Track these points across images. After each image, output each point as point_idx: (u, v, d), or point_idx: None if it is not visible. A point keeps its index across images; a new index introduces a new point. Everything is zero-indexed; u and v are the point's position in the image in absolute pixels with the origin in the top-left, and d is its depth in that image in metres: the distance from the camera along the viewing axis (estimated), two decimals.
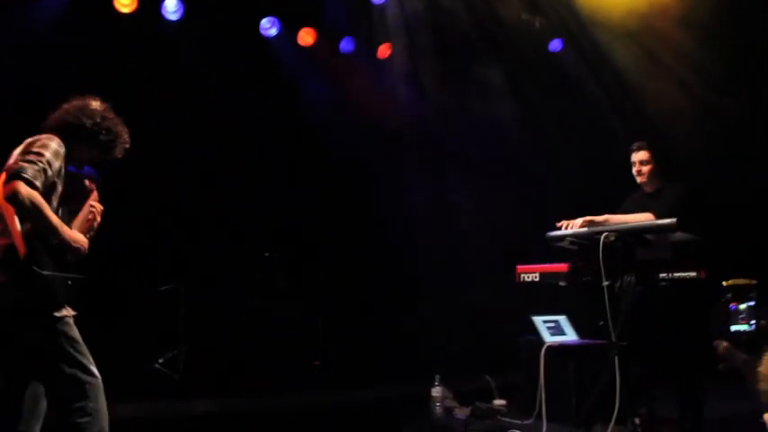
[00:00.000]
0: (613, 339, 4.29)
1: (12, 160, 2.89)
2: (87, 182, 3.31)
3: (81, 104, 3.17)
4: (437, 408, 5.52)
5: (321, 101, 7.05)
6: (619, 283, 4.38)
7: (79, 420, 2.96)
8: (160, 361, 5.90)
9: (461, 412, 5.57)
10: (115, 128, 3.22)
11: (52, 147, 2.96)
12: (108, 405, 3.08)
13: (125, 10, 6.14)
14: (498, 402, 5.87)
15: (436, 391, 5.55)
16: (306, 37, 7.14)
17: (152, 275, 5.80)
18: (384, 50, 7.41)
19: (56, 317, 2.95)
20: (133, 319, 5.54)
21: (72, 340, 3.02)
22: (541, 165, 6.91)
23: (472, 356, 6.39)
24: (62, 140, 3.04)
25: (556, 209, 5.34)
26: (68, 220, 3.11)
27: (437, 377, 5.59)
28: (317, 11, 6.91)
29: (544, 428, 5.13)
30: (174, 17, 6.41)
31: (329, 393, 6.02)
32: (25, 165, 2.80)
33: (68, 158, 3.08)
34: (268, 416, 5.49)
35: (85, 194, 3.28)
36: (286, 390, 5.82)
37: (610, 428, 4.31)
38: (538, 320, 5.81)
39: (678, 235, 4.15)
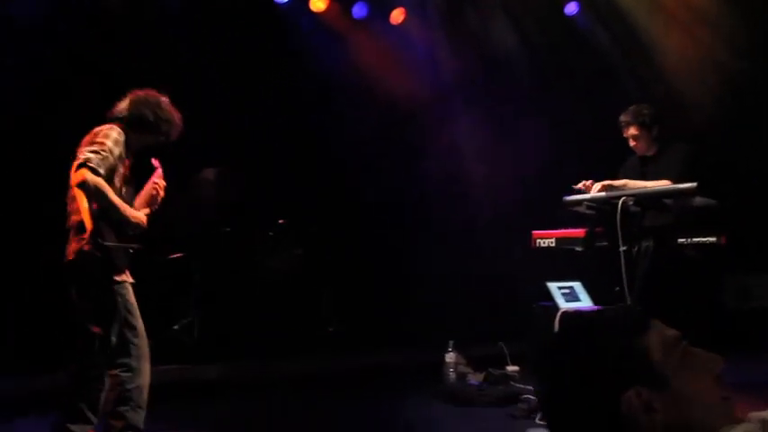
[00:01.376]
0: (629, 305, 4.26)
1: (80, 149, 3.32)
2: (153, 161, 3.76)
3: (142, 97, 3.59)
4: (450, 373, 5.52)
5: (335, 68, 6.93)
6: (636, 249, 4.34)
7: (121, 374, 3.34)
8: (175, 327, 5.93)
9: (474, 378, 5.58)
10: (172, 117, 3.64)
11: (112, 136, 3.39)
12: None
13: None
14: (511, 368, 5.86)
15: (450, 357, 5.54)
16: (317, 3, 7.03)
17: (166, 243, 5.79)
18: (397, 16, 7.28)
19: (116, 280, 3.39)
20: (148, 286, 5.54)
21: (127, 303, 3.43)
22: (556, 129, 6.78)
23: (486, 323, 6.36)
24: (123, 130, 3.48)
25: (571, 174, 5.27)
26: (131, 198, 3.59)
27: (451, 343, 5.58)
28: None
29: None
30: None
31: (342, 359, 6.02)
32: (90, 155, 3.23)
33: (129, 145, 3.53)
34: (282, 381, 5.51)
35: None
36: (299, 355, 5.84)
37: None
38: (553, 286, 5.77)
39: (698, 199, 4.09)
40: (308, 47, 6.88)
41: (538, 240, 5.22)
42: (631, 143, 4.72)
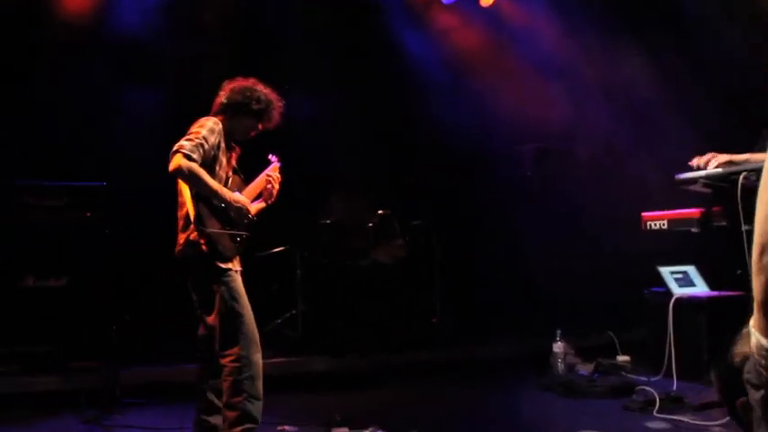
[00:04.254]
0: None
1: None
2: (271, 156, 3.80)
3: (233, 85, 3.58)
4: (559, 363, 5.35)
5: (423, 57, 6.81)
6: None
7: (229, 364, 3.31)
8: (278, 321, 6.01)
9: (584, 368, 5.38)
10: (266, 96, 3.60)
11: (207, 125, 3.40)
12: None
13: None
14: (622, 358, 5.65)
15: (558, 347, 5.37)
16: None
17: (269, 238, 5.87)
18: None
19: (221, 268, 3.36)
20: (252, 280, 5.62)
21: (233, 291, 3.39)
22: (669, 104, 6.38)
23: (594, 311, 6.13)
24: (221, 119, 3.49)
25: (685, 152, 4.95)
26: (239, 188, 3.59)
27: (558, 332, 5.41)
28: None
29: (674, 386, 4.87)
30: None
31: (449, 350, 5.93)
32: (184, 143, 3.26)
33: (230, 133, 3.53)
34: (388, 374, 5.48)
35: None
36: (405, 347, 5.79)
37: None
38: (665, 271, 5.50)
39: None
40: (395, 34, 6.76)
41: (648, 222, 4.98)
42: None
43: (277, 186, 3.69)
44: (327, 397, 5.04)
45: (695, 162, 4.17)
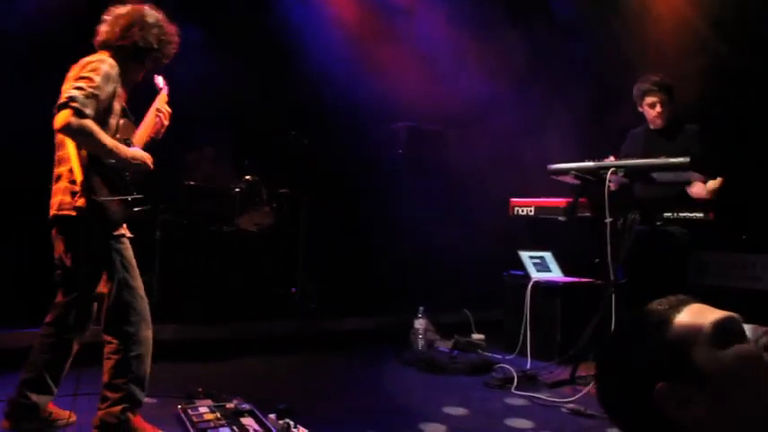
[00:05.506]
0: (611, 277, 4.23)
1: (65, 85, 2.92)
2: (159, 80, 3.42)
3: (135, 18, 3.12)
4: (419, 339, 5.46)
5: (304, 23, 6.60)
6: (621, 221, 4.30)
7: (114, 341, 3.04)
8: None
9: (443, 345, 5.53)
10: (171, 36, 3.22)
11: (103, 70, 2.94)
12: None
13: None
14: (477, 336, 5.84)
15: (419, 323, 5.48)
16: None
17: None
18: None
19: (112, 235, 3.03)
20: None
21: (125, 260, 3.08)
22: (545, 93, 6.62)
23: (453, 290, 6.31)
24: (116, 60, 3.04)
25: (555, 142, 5.20)
26: (130, 132, 3.17)
27: (421, 309, 5.50)
28: None
29: (528, 364, 5.12)
30: None
31: (306, 322, 5.85)
32: (75, 93, 2.80)
33: (125, 76, 3.10)
34: (243, 343, 5.32)
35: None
36: (263, 317, 5.64)
37: None
38: (524, 255, 5.76)
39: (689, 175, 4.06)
40: None
41: (516, 208, 5.16)
42: (652, 113, 4.55)
43: (167, 122, 3.34)
44: (185, 367, 4.82)
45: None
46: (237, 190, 5.71)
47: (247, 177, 5.73)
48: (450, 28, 6.61)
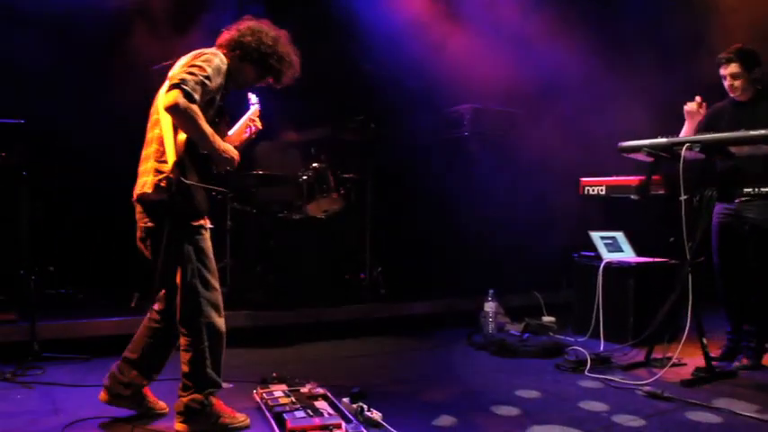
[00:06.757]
0: (687, 257, 4.10)
1: (176, 70, 2.97)
2: (252, 97, 3.48)
3: (256, 26, 3.25)
4: (490, 323, 5.42)
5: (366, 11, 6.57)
6: (698, 198, 4.15)
7: (191, 339, 3.08)
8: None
9: (513, 328, 5.48)
10: (287, 56, 3.28)
11: (215, 62, 3.01)
12: None
13: None
14: (547, 319, 5.78)
15: (489, 306, 5.44)
16: None
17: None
18: None
19: (192, 225, 3.07)
20: None
21: (201, 252, 3.11)
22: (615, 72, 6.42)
23: (523, 272, 6.23)
24: (230, 58, 3.14)
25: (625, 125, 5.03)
26: (222, 135, 3.17)
27: (490, 292, 5.46)
28: None
29: (601, 347, 5.03)
30: None
31: (376, 306, 5.87)
32: (186, 77, 2.85)
33: (233, 76, 3.18)
34: (314, 328, 5.40)
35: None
36: (333, 303, 5.69)
37: (679, 349, 4.18)
38: (595, 236, 5.63)
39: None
40: None
41: (586, 188, 5.05)
42: (728, 82, 4.33)
43: (254, 136, 3.43)
44: (257, 352, 4.94)
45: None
46: (305, 177, 5.76)
47: (315, 165, 5.78)
48: (515, 6, 6.50)
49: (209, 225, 3.21)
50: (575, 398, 3.78)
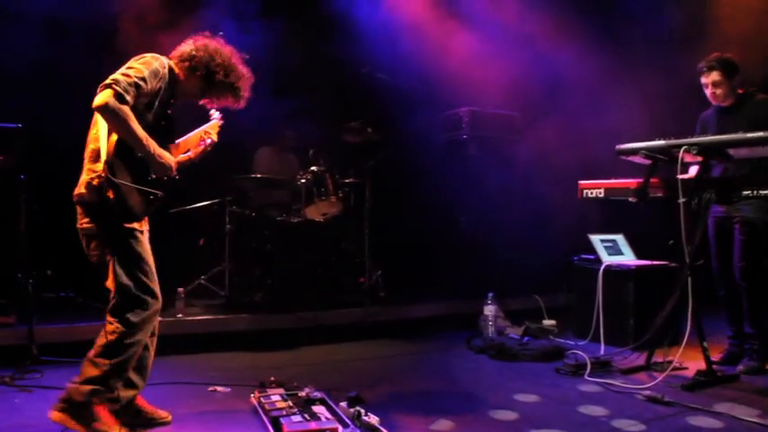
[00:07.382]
0: (687, 259, 4.08)
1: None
2: (214, 113, 3.48)
3: (210, 43, 3.26)
4: (489, 326, 5.41)
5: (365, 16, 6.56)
6: (696, 201, 4.13)
7: (116, 328, 2.99)
8: (204, 277, 5.82)
9: (513, 331, 5.46)
10: (236, 78, 3.28)
11: (153, 66, 3.00)
12: None
13: None
14: (548, 322, 5.75)
15: (489, 310, 5.42)
16: None
17: (199, 191, 5.61)
18: None
19: (124, 227, 3.01)
20: (180, 234, 5.35)
21: (132, 255, 3.05)
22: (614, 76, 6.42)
23: (522, 276, 6.21)
24: (180, 68, 3.18)
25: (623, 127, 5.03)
26: (165, 144, 3.15)
27: (490, 295, 5.45)
28: None
29: (601, 350, 5.01)
30: None
31: (375, 310, 5.84)
32: (120, 77, 2.84)
33: (180, 86, 3.20)
34: (313, 332, 5.38)
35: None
36: (332, 306, 5.67)
37: (679, 352, 4.16)
38: (595, 239, 5.62)
39: None
40: None
41: (585, 191, 5.02)
42: (709, 90, 4.40)
43: (210, 148, 3.42)
44: (256, 356, 4.93)
45: None
46: (303, 181, 5.76)
47: (313, 168, 5.77)
48: (515, 9, 6.49)
49: (144, 228, 3.17)
50: (574, 402, 3.76)
